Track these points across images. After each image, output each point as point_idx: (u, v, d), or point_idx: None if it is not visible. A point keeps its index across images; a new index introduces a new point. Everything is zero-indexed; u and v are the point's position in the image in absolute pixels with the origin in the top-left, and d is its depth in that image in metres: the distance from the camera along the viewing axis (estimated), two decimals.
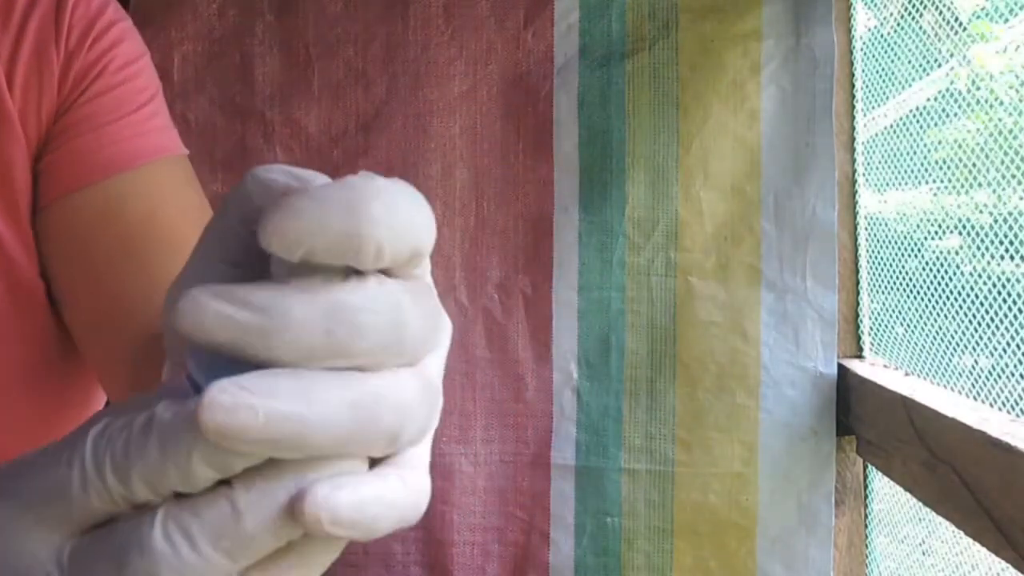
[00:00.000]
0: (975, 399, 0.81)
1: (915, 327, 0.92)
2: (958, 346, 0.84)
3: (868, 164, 1.03)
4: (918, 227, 0.94)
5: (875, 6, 1.03)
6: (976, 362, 0.81)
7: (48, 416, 0.54)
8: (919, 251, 0.92)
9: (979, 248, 0.80)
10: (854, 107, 1.03)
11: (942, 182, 0.88)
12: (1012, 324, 0.74)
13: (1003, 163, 0.75)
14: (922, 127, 0.90)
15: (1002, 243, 0.76)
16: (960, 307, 0.82)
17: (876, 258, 1.02)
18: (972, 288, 0.80)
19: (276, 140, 1.10)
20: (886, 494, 1.02)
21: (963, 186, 0.83)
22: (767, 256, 1.03)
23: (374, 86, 1.10)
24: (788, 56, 1.03)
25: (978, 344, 0.80)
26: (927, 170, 0.90)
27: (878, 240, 1.02)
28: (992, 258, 0.77)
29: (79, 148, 0.52)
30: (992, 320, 0.77)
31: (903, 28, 0.94)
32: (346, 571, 1.07)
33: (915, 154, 0.92)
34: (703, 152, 1.04)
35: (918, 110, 0.91)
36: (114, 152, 0.52)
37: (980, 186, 0.80)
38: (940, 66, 0.87)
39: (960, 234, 0.84)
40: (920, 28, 0.90)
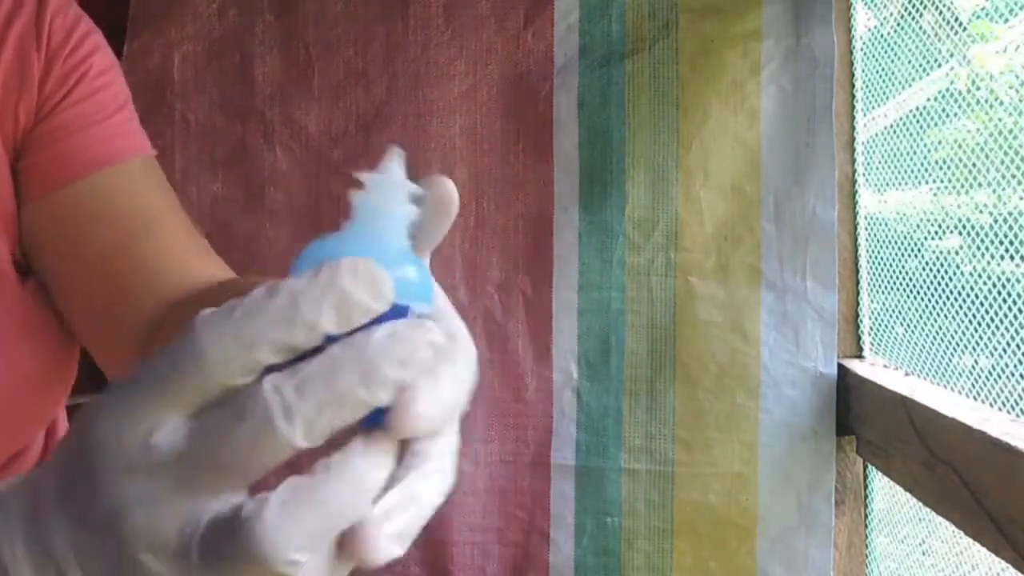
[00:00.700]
0: (975, 399, 0.81)
1: (915, 327, 0.92)
2: (958, 346, 0.84)
3: (868, 164, 1.03)
4: (918, 227, 0.94)
5: (875, 6, 1.03)
6: (976, 362, 0.81)
7: (20, 387, 0.57)
8: (919, 251, 0.92)
9: (979, 248, 0.80)
10: (854, 107, 1.03)
11: (942, 182, 0.88)
12: (1012, 324, 0.74)
13: (1003, 163, 0.75)
14: (922, 127, 0.90)
15: (1002, 243, 0.76)
16: (960, 307, 0.82)
17: (876, 258, 1.02)
18: (972, 288, 0.80)
19: (276, 140, 1.10)
20: (886, 494, 1.02)
21: (963, 186, 0.83)
22: (767, 256, 1.03)
23: (374, 86, 1.10)
24: (788, 56, 1.03)
25: (978, 344, 0.80)
26: (927, 170, 0.90)
27: (878, 240, 1.02)
28: (992, 258, 0.77)
29: (64, 149, 0.56)
30: (992, 320, 0.77)
31: (903, 28, 0.94)
32: None
33: (915, 154, 0.92)
34: (703, 152, 1.04)
35: (918, 110, 0.91)
36: (99, 151, 0.57)
37: (980, 186, 0.80)
38: (940, 66, 0.87)
39: (960, 234, 0.84)
40: (920, 28, 0.90)
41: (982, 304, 0.78)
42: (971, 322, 0.80)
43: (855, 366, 1.00)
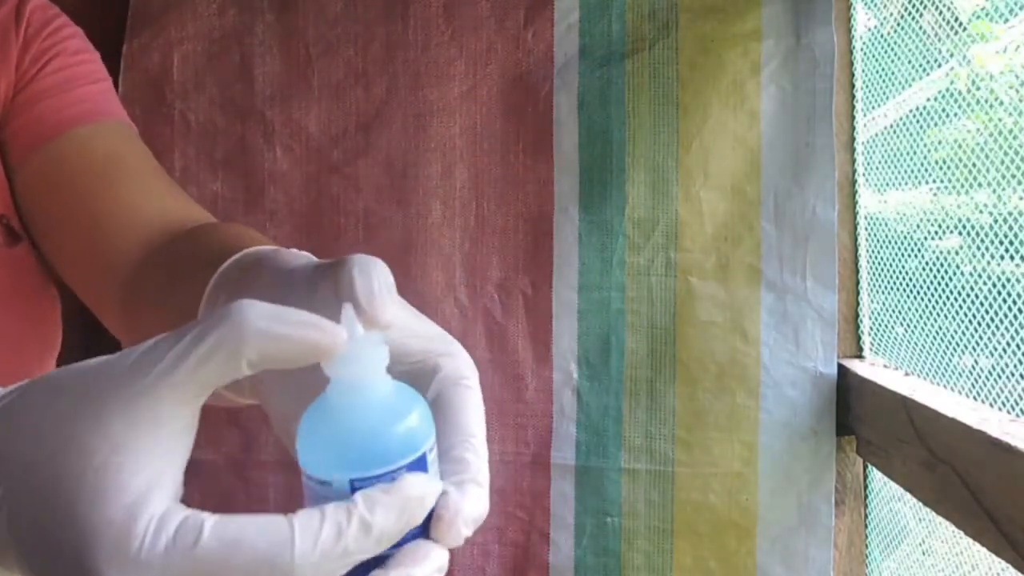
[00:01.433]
0: (975, 399, 0.81)
1: (915, 327, 0.92)
2: (958, 346, 0.84)
3: (868, 164, 1.03)
4: (918, 227, 0.94)
5: (875, 6, 1.03)
6: (976, 362, 0.81)
7: (3, 348, 0.59)
8: (919, 251, 0.92)
9: (979, 248, 0.80)
10: (854, 107, 1.03)
11: (942, 182, 0.88)
12: (1012, 324, 0.74)
13: (1003, 163, 0.75)
14: (922, 127, 0.90)
15: (1002, 243, 0.76)
16: (960, 307, 0.82)
17: (876, 258, 1.02)
18: (972, 288, 0.80)
19: (276, 140, 1.10)
20: (886, 494, 1.02)
21: (963, 186, 0.83)
22: (767, 256, 1.03)
23: (374, 86, 1.10)
24: (788, 56, 1.03)
25: (978, 344, 0.80)
26: (927, 170, 0.90)
27: (878, 240, 1.02)
28: (992, 258, 0.77)
29: (47, 108, 0.59)
30: (992, 320, 0.77)
31: (903, 28, 0.94)
32: None
33: (915, 154, 0.92)
34: (703, 152, 1.04)
35: (918, 110, 0.91)
36: (80, 109, 0.60)
37: (980, 186, 0.80)
38: (940, 66, 0.87)
39: (960, 234, 0.84)
40: (920, 28, 0.90)
41: (982, 304, 0.78)
42: (971, 322, 0.80)
43: (855, 366, 1.00)
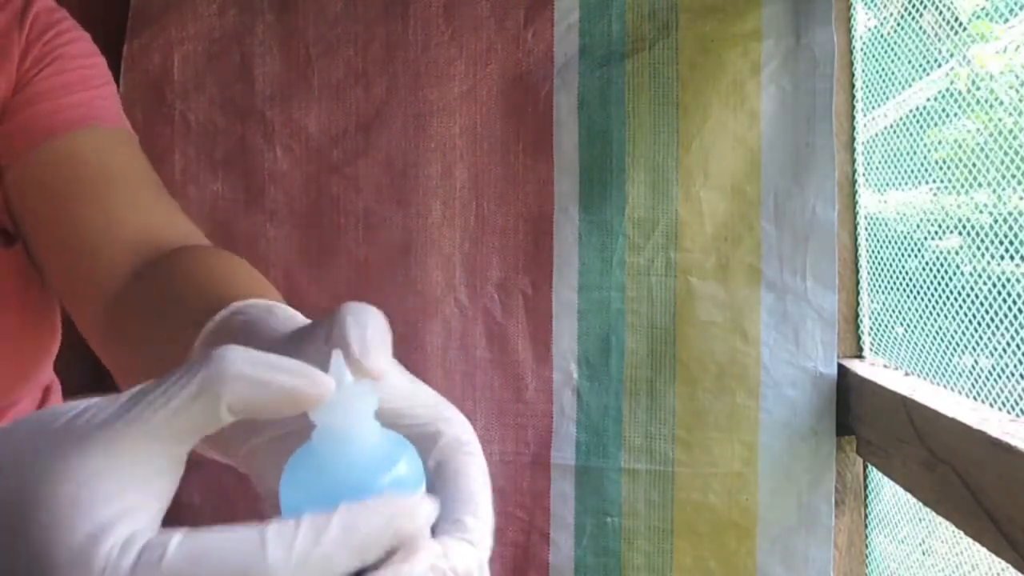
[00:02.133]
0: (975, 399, 0.81)
1: (915, 327, 0.92)
2: (958, 346, 0.84)
3: (868, 164, 1.03)
4: (918, 227, 0.94)
5: (875, 6, 1.03)
6: (976, 362, 0.81)
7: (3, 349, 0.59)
8: (919, 251, 0.92)
9: (979, 248, 0.80)
10: (854, 107, 1.03)
11: (942, 182, 0.88)
12: (1012, 324, 0.74)
13: (1003, 163, 0.75)
14: (922, 127, 0.90)
15: (1002, 243, 0.76)
16: (960, 307, 0.82)
17: (876, 258, 1.02)
18: (972, 288, 0.80)
19: (276, 140, 1.10)
20: (886, 494, 1.02)
21: (963, 186, 0.83)
22: (767, 256, 1.03)
23: (374, 86, 1.10)
24: (788, 56, 1.03)
25: (978, 344, 0.80)
26: (927, 170, 0.90)
27: (878, 240, 1.02)
28: (992, 258, 0.77)
29: (41, 111, 0.59)
30: (992, 320, 0.77)
31: (903, 28, 0.94)
32: None
33: (915, 154, 0.92)
34: (703, 152, 1.04)
35: (918, 110, 0.91)
36: (74, 114, 0.60)
37: (980, 186, 0.80)
38: (940, 66, 0.87)
39: (960, 234, 0.84)
40: (920, 28, 0.90)
41: (982, 304, 0.78)
42: (971, 322, 0.80)
43: (855, 366, 1.00)
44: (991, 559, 0.73)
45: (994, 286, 0.77)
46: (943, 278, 0.86)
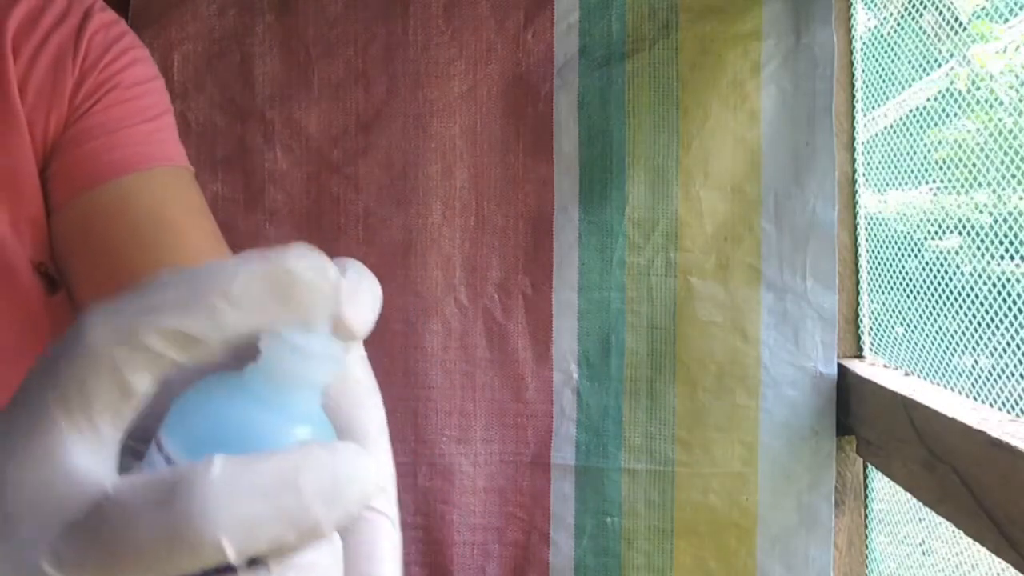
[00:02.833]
0: (975, 399, 0.81)
1: (915, 327, 0.92)
2: (958, 346, 0.84)
3: (868, 164, 1.03)
4: (918, 227, 0.94)
5: (875, 6, 1.03)
6: (976, 362, 0.81)
7: None
8: (919, 251, 0.92)
9: (979, 248, 0.80)
10: (854, 107, 1.03)
11: (942, 182, 0.88)
12: (1012, 324, 0.74)
13: (1003, 163, 0.75)
14: (922, 127, 0.90)
15: (1002, 243, 0.76)
16: (960, 307, 0.82)
17: (876, 258, 1.02)
18: (972, 288, 0.80)
19: (276, 140, 1.10)
20: (886, 494, 1.02)
21: (963, 186, 0.83)
22: (767, 256, 1.03)
23: (374, 86, 1.10)
24: (788, 56, 1.03)
25: (978, 344, 0.80)
26: (927, 170, 0.90)
27: (878, 240, 1.02)
28: (992, 258, 0.77)
29: (91, 151, 0.55)
30: (992, 320, 0.77)
31: (903, 28, 0.94)
32: None
33: (915, 154, 0.92)
34: (703, 152, 1.04)
35: (918, 110, 0.91)
36: (125, 154, 0.56)
37: (980, 186, 0.80)
38: (940, 66, 0.87)
39: (960, 234, 0.84)
40: (920, 28, 0.90)
41: (982, 304, 0.78)
42: (971, 322, 0.80)
43: (855, 366, 1.00)
44: (991, 559, 0.73)
45: (994, 286, 0.77)
46: (943, 278, 0.86)
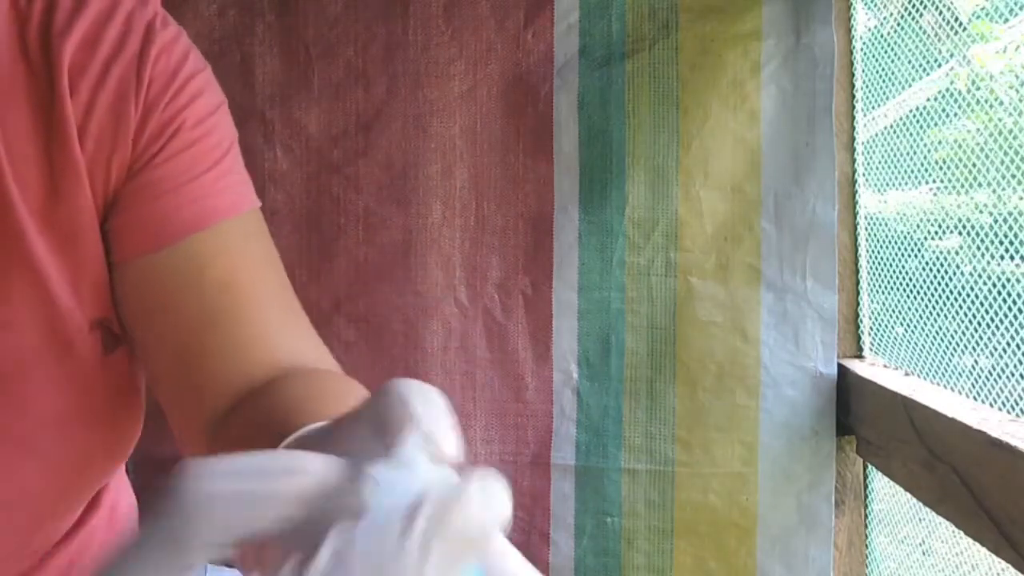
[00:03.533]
0: (975, 399, 0.81)
1: (915, 327, 0.92)
2: (958, 346, 0.84)
3: (868, 164, 1.03)
4: (918, 227, 0.94)
5: (875, 6, 1.03)
6: (976, 362, 0.81)
7: (81, 462, 0.54)
8: (919, 251, 0.92)
9: (979, 248, 0.80)
10: (854, 107, 1.03)
11: (942, 182, 0.88)
12: (1012, 324, 0.74)
13: (1003, 163, 0.75)
14: (922, 127, 0.90)
15: (1002, 243, 0.76)
16: (960, 307, 0.82)
17: (876, 258, 1.02)
18: (972, 288, 0.80)
19: (276, 140, 1.10)
20: (886, 494, 1.02)
21: (963, 186, 0.83)
22: (767, 256, 1.03)
23: (374, 86, 1.10)
24: (788, 56, 1.03)
25: (978, 344, 0.80)
26: (927, 170, 0.90)
27: (878, 240, 1.02)
28: (992, 258, 0.77)
29: (158, 209, 0.51)
30: (992, 320, 0.77)
31: (903, 28, 0.94)
32: None
33: (915, 154, 0.92)
34: (703, 152, 1.04)
35: (918, 110, 0.91)
36: (192, 212, 0.52)
37: (980, 186, 0.80)
38: (940, 66, 0.87)
39: (960, 234, 0.84)
40: (920, 28, 0.90)
41: (982, 304, 0.78)
42: (971, 322, 0.80)
43: (855, 366, 1.00)
44: (991, 559, 0.73)
45: (994, 286, 0.77)
46: (943, 278, 0.86)
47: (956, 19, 0.84)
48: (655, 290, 1.05)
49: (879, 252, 1.01)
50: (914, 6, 0.91)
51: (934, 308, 0.88)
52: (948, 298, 0.85)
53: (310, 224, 1.10)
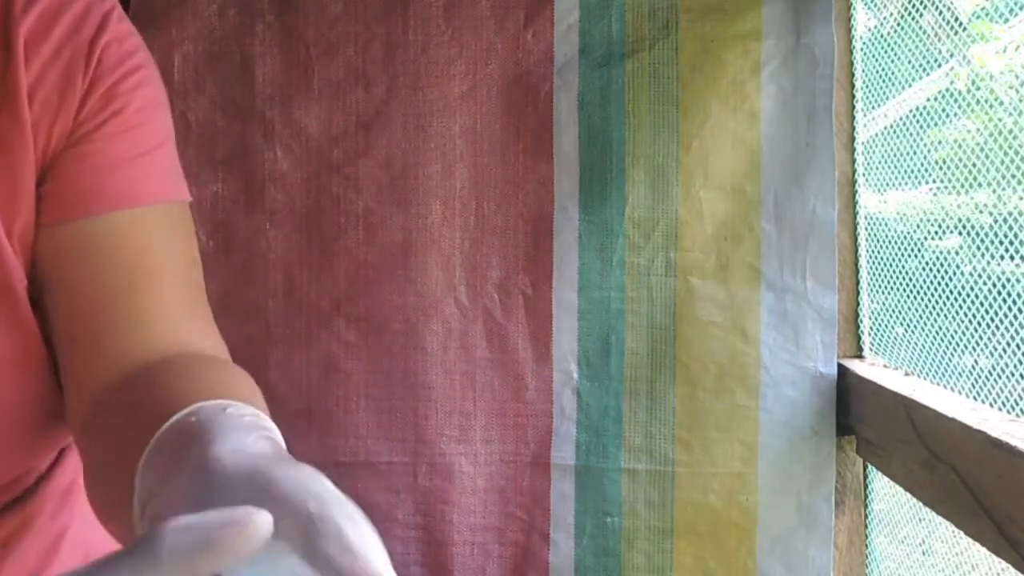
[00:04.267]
0: (975, 399, 0.81)
1: (915, 327, 0.92)
2: (958, 346, 0.84)
3: (868, 164, 1.03)
4: (918, 227, 0.94)
5: (875, 6, 1.03)
6: (976, 362, 0.81)
7: (18, 410, 0.56)
8: (919, 251, 0.92)
9: (979, 248, 0.80)
10: (854, 107, 1.03)
11: (942, 182, 0.88)
12: (1012, 324, 0.74)
13: (1003, 163, 0.75)
14: (922, 127, 0.90)
15: (1002, 243, 0.76)
16: (960, 307, 0.82)
17: (876, 258, 1.02)
18: (972, 288, 0.80)
19: (276, 140, 1.10)
20: (886, 494, 1.02)
21: (963, 186, 0.83)
22: (767, 256, 1.03)
23: (374, 86, 1.10)
24: (788, 56, 1.03)
25: (978, 344, 0.80)
26: (927, 170, 0.90)
27: (878, 240, 1.02)
28: (992, 258, 0.77)
29: (88, 180, 0.54)
30: (992, 320, 0.77)
31: (903, 28, 0.94)
32: None
33: (915, 154, 0.92)
34: (703, 152, 1.04)
35: (918, 110, 0.91)
36: (120, 189, 0.55)
37: (980, 186, 0.80)
38: (940, 66, 0.87)
39: (960, 234, 0.84)
40: (920, 28, 0.90)
41: (982, 304, 0.79)
42: (971, 322, 0.80)
43: (855, 366, 1.00)
44: (991, 559, 0.73)
45: (994, 286, 0.77)
46: (943, 278, 0.86)
47: (956, 19, 0.84)
48: (655, 290, 1.05)
49: (879, 252, 1.01)
50: (914, 6, 0.91)
51: (934, 308, 0.88)
52: (948, 298, 0.85)
53: (310, 224, 1.10)
